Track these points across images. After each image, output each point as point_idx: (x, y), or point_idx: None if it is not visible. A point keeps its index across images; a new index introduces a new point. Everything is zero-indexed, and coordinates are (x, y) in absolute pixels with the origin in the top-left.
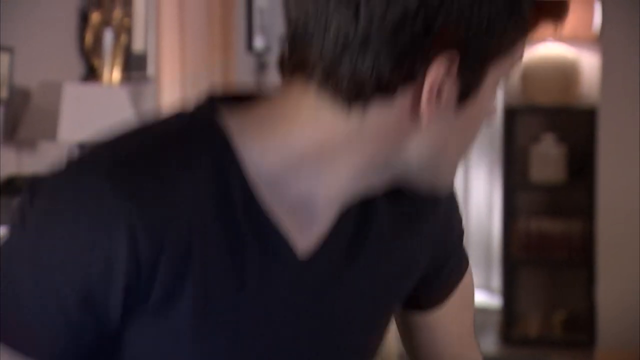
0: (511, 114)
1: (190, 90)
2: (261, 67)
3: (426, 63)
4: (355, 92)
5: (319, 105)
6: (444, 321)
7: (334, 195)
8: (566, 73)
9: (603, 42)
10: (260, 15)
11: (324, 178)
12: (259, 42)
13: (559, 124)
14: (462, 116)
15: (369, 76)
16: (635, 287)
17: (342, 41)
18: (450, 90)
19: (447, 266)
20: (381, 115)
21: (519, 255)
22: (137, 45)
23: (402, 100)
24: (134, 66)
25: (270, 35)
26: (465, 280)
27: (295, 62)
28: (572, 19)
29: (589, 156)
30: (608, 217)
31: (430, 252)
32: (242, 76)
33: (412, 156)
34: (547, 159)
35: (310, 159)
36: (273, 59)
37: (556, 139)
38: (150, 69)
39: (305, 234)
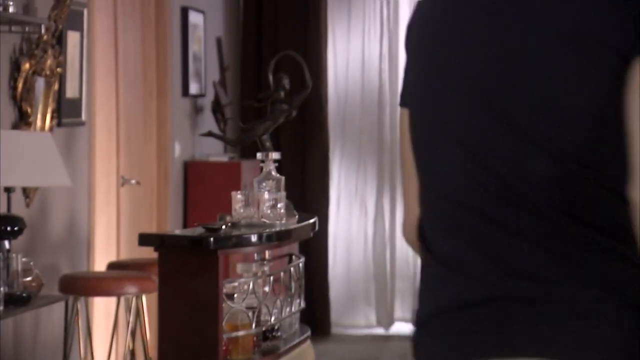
0: None
1: (124, 134)
2: (197, 110)
3: None
4: None
5: None
6: None
7: None
8: None
9: None
10: (194, 61)
11: None
12: (193, 88)
13: None
14: None
15: None
16: None
17: None
18: None
19: None
20: None
21: None
22: (71, 93)
23: None
24: (68, 112)
25: (204, 80)
26: None
27: None
28: None
29: None
30: None
31: None
32: (178, 119)
33: None
34: None
35: None
36: (207, 103)
37: None
38: (84, 115)
39: None
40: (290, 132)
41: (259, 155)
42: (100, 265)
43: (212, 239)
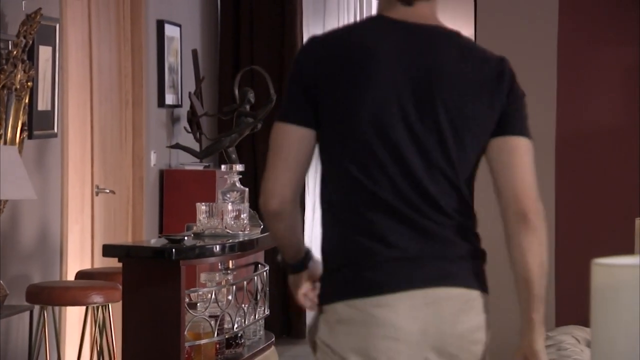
0: None
1: (99, 144)
2: (173, 120)
3: None
4: None
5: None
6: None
7: None
8: None
9: None
10: (170, 73)
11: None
12: (170, 99)
13: None
14: None
15: None
16: (510, 324)
17: None
18: None
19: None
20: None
21: None
22: (42, 105)
23: None
24: (39, 124)
25: (180, 92)
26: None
27: None
28: None
29: None
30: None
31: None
32: (154, 129)
33: None
34: None
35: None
36: (184, 113)
37: None
38: (57, 126)
39: None
40: (267, 140)
41: (223, 167)
42: (74, 274)
43: (174, 250)
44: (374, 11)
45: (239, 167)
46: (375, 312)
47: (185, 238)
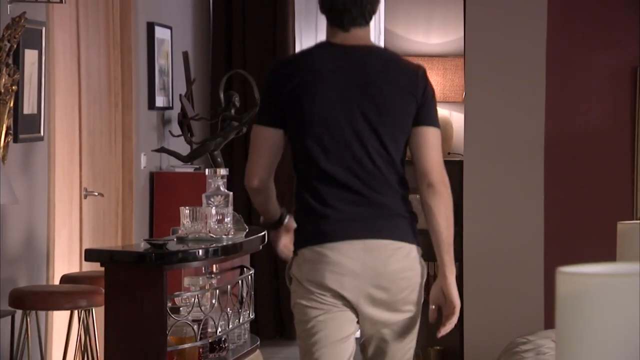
0: None
1: (88, 147)
2: (164, 122)
3: None
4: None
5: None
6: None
7: None
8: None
9: (467, 103)
10: (161, 75)
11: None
12: (160, 101)
13: None
14: None
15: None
16: (499, 326)
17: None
18: None
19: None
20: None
21: None
22: (28, 109)
23: None
24: (25, 128)
25: (171, 94)
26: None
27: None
28: (445, 84)
29: (460, 205)
30: (473, 261)
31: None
32: (144, 131)
33: None
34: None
35: None
36: (174, 115)
37: None
38: (43, 130)
39: None
40: None
41: (207, 171)
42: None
43: (155, 255)
44: None
45: (223, 171)
46: (327, 253)
47: (167, 243)
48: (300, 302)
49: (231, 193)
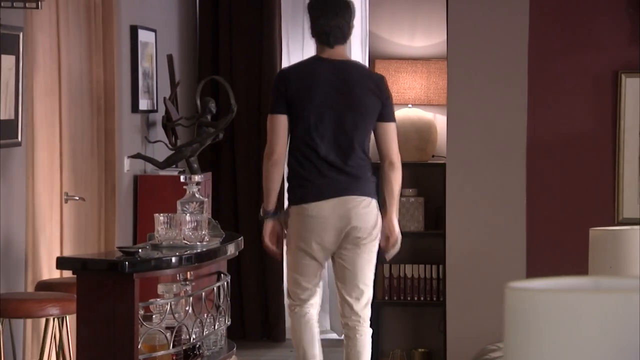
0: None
1: (69, 151)
2: (149, 125)
3: None
4: None
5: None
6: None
7: None
8: (423, 133)
9: (449, 106)
10: (145, 78)
11: None
12: (144, 104)
13: (418, 178)
14: None
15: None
16: (482, 329)
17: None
18: None
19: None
20: None
21: (383, 297)
22: (5, 115)
23: None
24: (2, 134)
25: (156, 97)
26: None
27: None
28: (429, 87)
29: (443, 208)
30: (455, 264)
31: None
32: (128, 135)
33: None
34: (408, 210)
35: None
36: (158, 118)
37: (416, 193)
38: (21, 135)
39: None
40: (245, 142)
41: (182, 178)
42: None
43: (127, 263)
44: None
45: (198, 178)
46: (310, 209)
47: (140, 250)
48: (293, 245)
49: (206, 199)
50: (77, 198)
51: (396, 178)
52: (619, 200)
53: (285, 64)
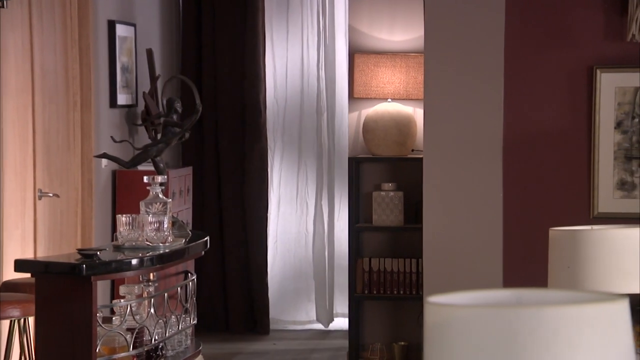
0: (357, 164)
1: (42, 147)
2: (128, 120)
3: None
4: None
5: None
6: None
7: None
8: (402, 127)
9: (426, 101)
10: (123, 73)
11: None
12: (123, 99)
13: (397, 173)
14: None
15: None
16: None
17: None
18: None
19: None
20: None
21: (363, 290)
22: None
23: None
24: None
25: (136, 92)
26: None
27: None
28: (408, 81)
29: (420, 203)
30: (432, 258)
31: None
32: (106, 130)
33: None
34: (388, 204)
35: None
36: (138, 113)
37: (395, 187)
38: None
39: None
40: (229, 137)
41: (145, 178)
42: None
43: (84, 266)
44: (335, 10)
45: (161, 179)
46: None
47: (99, 253)
48: None
49: (169, 200)
50: (52, 195)
51: None
52: (594, 194)
53: (269, 58)
